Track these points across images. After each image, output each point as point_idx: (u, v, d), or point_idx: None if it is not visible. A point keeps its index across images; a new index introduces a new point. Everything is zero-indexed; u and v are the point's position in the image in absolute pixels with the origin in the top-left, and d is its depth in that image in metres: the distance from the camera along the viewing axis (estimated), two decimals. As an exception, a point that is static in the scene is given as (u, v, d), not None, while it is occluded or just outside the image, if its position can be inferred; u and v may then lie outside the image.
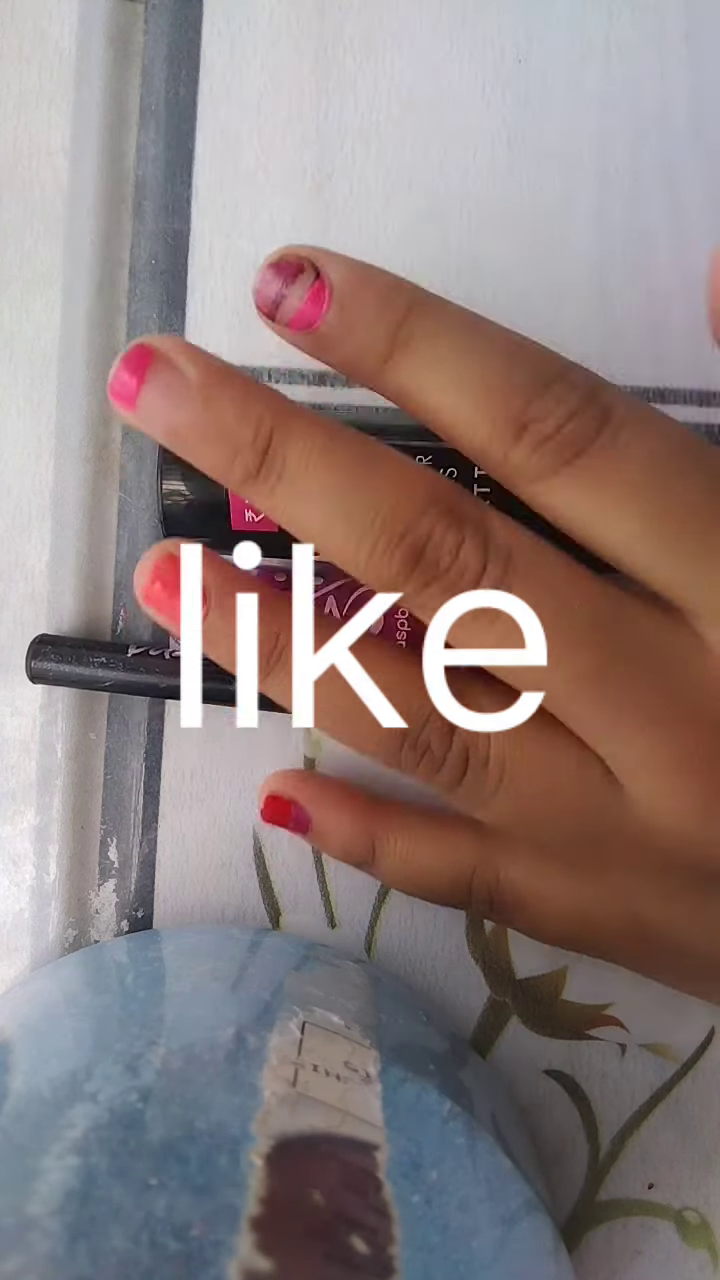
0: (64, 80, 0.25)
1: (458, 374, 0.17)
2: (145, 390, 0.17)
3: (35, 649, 0.23)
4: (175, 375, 0.17)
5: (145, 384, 0.17)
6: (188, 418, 0.17)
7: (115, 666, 0.23)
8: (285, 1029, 0.18)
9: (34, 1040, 0.19)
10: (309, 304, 0.17)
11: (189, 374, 0.17)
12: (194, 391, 0.17)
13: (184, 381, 0.17)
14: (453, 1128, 0.18)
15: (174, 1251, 0.14)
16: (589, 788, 0.18)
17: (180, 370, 0.17)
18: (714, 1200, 0.24)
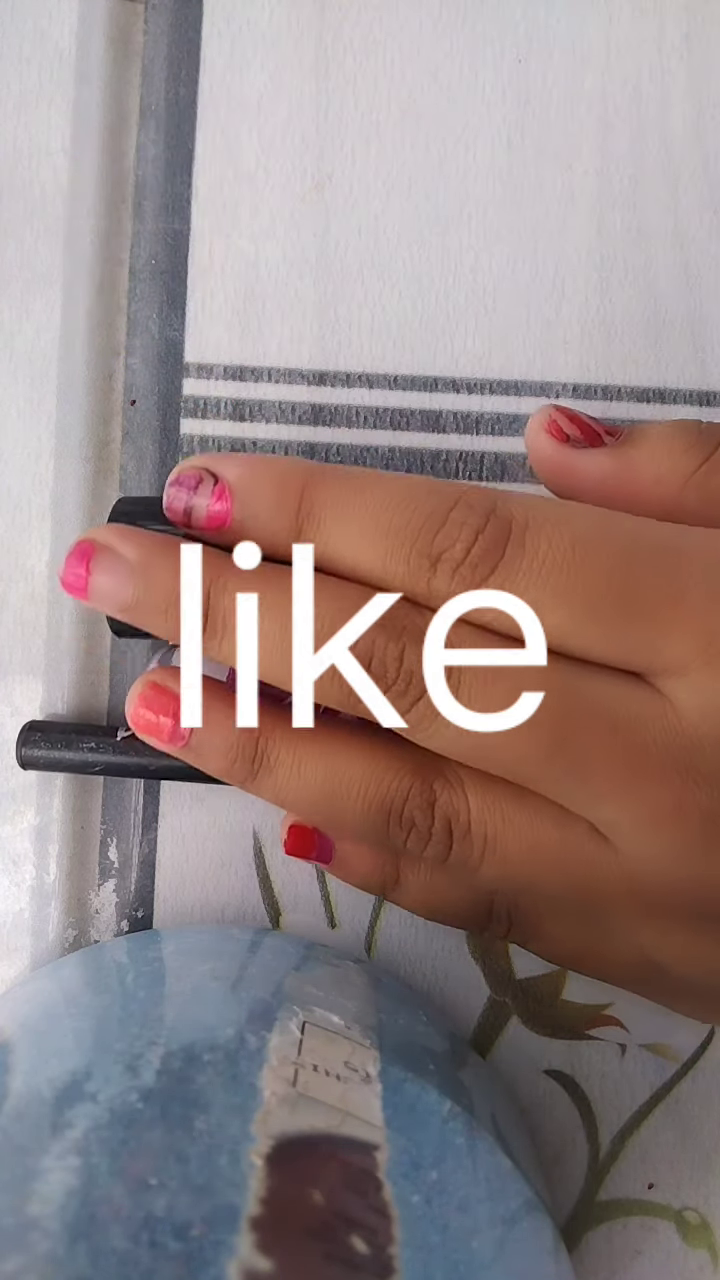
0: (64, 80, 0.25)
1: (361, 526, 0.19)
2: (93, 579, 0.19)
3: (25, 736, 0.24)
4: (116, 559, 0.19)
5: (91, 573, 0.19)
6: (133, 594, 0.19)
7: (105, 750, 0.23)
8: (285, 1029, 0.18)
9: (34, 1040, 0.19)
10: (215, 506, 0.19)
11: (129, 556, 0.19)
12: (134, 570, 0.19)
13: (125, 564, 0.19)
14: (453, 1128, 0.18)
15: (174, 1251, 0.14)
16: (572, 846, 0.19)
17: (120, 555, 0.19)
18: (714, 1200, 0.24)
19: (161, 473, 0.25)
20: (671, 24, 0.26)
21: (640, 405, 0.25)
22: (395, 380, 0.25)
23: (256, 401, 0.25)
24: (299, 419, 0.25)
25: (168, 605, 0.19)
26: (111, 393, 0.25)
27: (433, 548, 0.18)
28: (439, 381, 0.25)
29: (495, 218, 0.25)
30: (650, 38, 0.26)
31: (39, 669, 0.25)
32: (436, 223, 0.25)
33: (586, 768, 0.18)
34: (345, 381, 0.25)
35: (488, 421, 0.25)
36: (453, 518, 0.18)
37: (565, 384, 0.25)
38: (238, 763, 0.20)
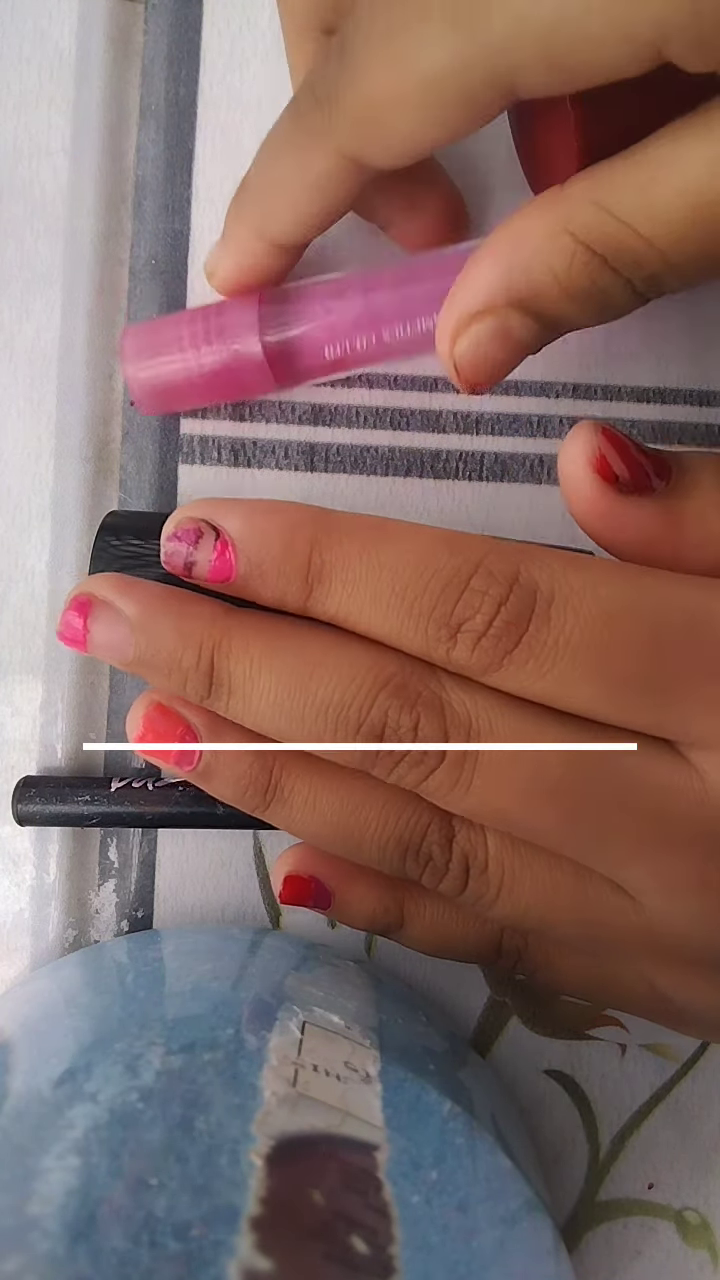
0: (64, 80, 0.25)
1: (374, 592, 0.18)
2: (91, 634, 0.19)
3: (20, 793, 0.24)
4: (114, 615, 0.19)
5: (89, 628, 0.19)
6: (133, 652, 0.18)
7: (100, 802, 0.23)
8: (285, 1029, 0.18)
9: (34, 1040, 0.19)
10: (218, 562, 0.18)
11: (127, 612, 0.18)
12: (133, 628, 0.18)
13: (124, 620, 0.18)
14: (453, 1128, 0.18)
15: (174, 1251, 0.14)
16: (591, 894, 0.19)
17: (118, 610, 0.18)
18: (714, 1200, 0.24)
19: (162, 473, 0.25)
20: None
21: (640, 405, 0.25)
22: (395, 380, 0.25)
23: (256, 401, 0.25)
24: (299, 419, 0.25)
25: (171, 666, 0.18)
26: (111, 393, 0.25)
27: (452, 618, 0.17)
28: (439, 381, 0.25)
29: (495, 218, 0.25)
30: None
31: (39, 669, 0.25)
32: (436, 223, 0.25)
33: (610, 835, 0.18)
34: (345, 381, 0.25)
35: (488, 421, 0.25)
36: (473, 585, 0.17)
37: (565, 384, 0.25)
38: (249, 791, 0.19)
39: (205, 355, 0.23)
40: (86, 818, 0.23)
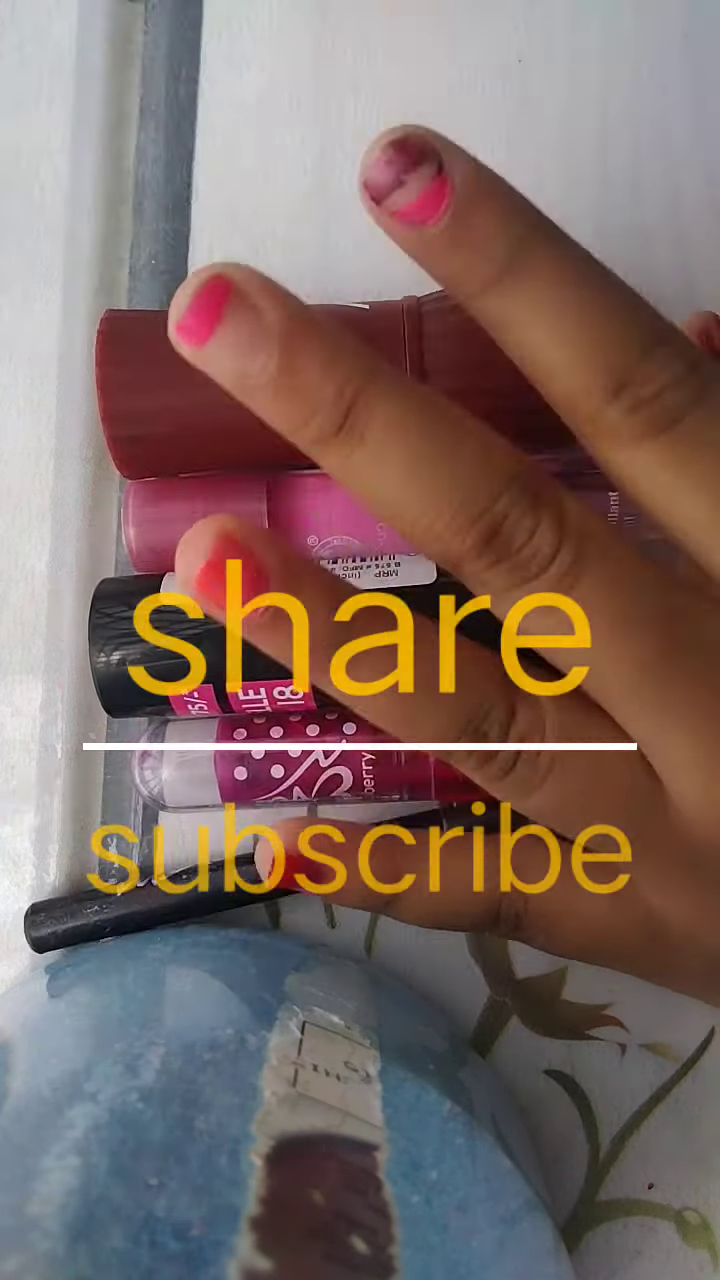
0: (64, 80, 0.25)
1: (565, 313, 0.17)
2: (220, 330, 0.15)
3: (30, 920, 0.24)
4: (254, 318, 0.15)
5: (220, 324, 0.15)
6: (263, 368, 0.16)
7: (110, 908, 0.23)
8: (285, 1029, 0.18)
9: (34, 1040, 0.19)
10: (424, 201, 0.16)
11: (270, 318, 0.15)
12: (274, 340, 0.15)
13: (263, 327, 0.15)
14: (453, 1128, 0.18)
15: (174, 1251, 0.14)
16: (632, 785, 0.18)
17: (261, 312, 0.15)
18: (714, 1200, 0.24)
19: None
20: (671, 24, 0.26)
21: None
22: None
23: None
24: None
25: (306, 393, 0.16)
26: (111, 393, 0.25)
27: (627, 374, 0.16)
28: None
29: (495, 218, 0.25)
30: (650, 38, 0.26)
31: (39, 669, 0.25)
32: (436, 223, 0.25)
33: (675, 697, 0.17)
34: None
35: (488, 421, 0.25)
36: (659, 353, 0.17)
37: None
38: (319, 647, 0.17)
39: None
40: (101, 928, 0.23)
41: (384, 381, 0.16)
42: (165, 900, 0.23)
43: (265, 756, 0.23)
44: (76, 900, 0.24)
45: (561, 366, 0.17)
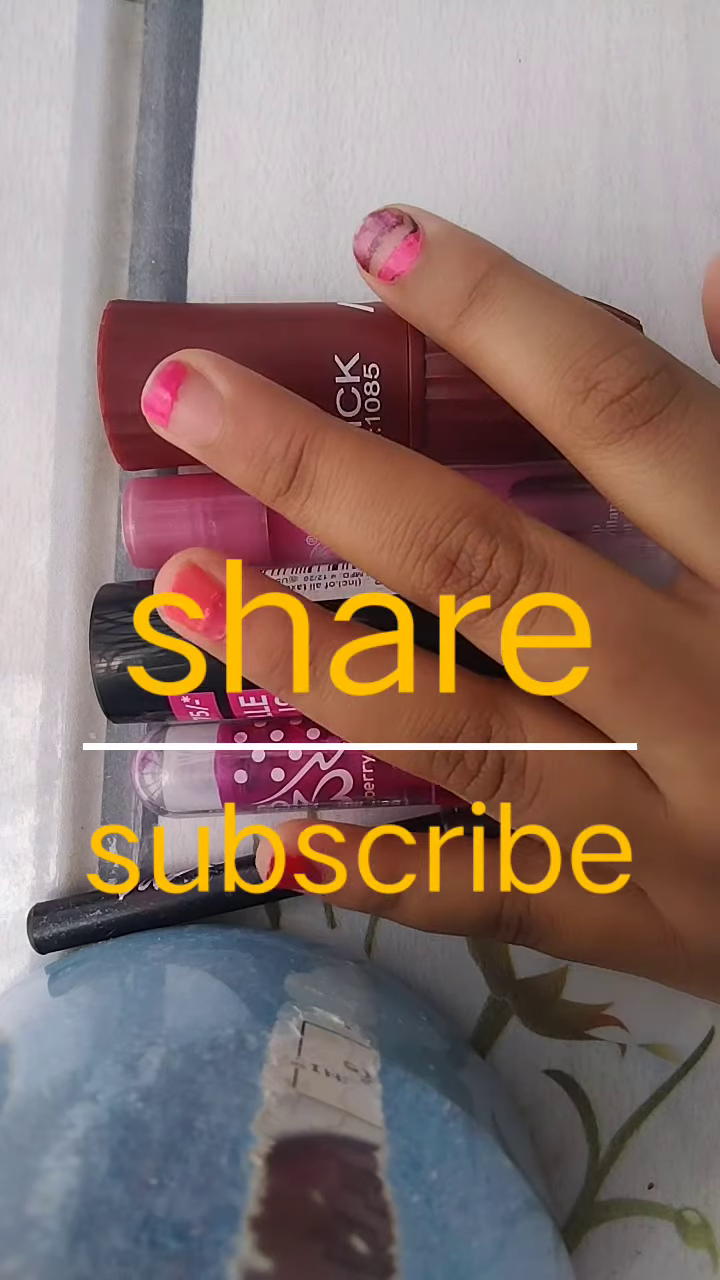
0: (64, 80, 0.25)
1: (529, 327, 0.18)
2: (178, 406, 0.18)
3: (33, 921, 0.24)
4: (208, 391, 0.18)
5: (178, 400, 0.18)
6: (219, 433, 0.18)
7: (113, 911, 0.23)
8: (285, 1029, 0.18)
9: (34, 1040, 0.19)
10: (401, 253, 0.18)
11: (221, 389, 0.18)
12: (225, 407, 0.17)
13: (216, 397, 0.18)
14: (453, 1128, 0.18)
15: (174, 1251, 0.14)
16: (625, 795, 0.18)
17: (213, 385, 0.18)
18: (714, 1200, 0.24)
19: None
20: (671, 24, 0.26)
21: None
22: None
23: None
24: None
25: (254, 454, 0.17)
26: (111, 393, 0.25)
27: (595, 373, 0.17)
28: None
29: (495, 218, 0.25)
30: (650, 38, 0.26)
31: (39, 669, 0.25)
32: (436, 223, 0.25)
33: (659, 707, 0.17)
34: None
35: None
36: (626, 353, 0.17)
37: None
38: (277, 671, 0.18)
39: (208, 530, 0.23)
40: (104, 930, 0.23)
41: (327, 433, 0.18)
42: (167, 902, 0.23)
43: (265, 760, 0.23)
44: (79, 902, 0.24)
45: (531, 379, 0.18)
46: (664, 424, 0.17)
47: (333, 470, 0.17)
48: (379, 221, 0.18)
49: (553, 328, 0.18)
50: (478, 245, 0.18)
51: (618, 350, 0.17)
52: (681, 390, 0.17)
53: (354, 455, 0.17)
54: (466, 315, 0.18)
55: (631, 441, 0.17)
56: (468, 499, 0.17)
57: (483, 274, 0.18)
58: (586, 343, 0.17)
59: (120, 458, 0.22)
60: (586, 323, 0.18)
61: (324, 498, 0.18)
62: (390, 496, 0.17)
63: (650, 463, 0.17)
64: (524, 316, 0.18)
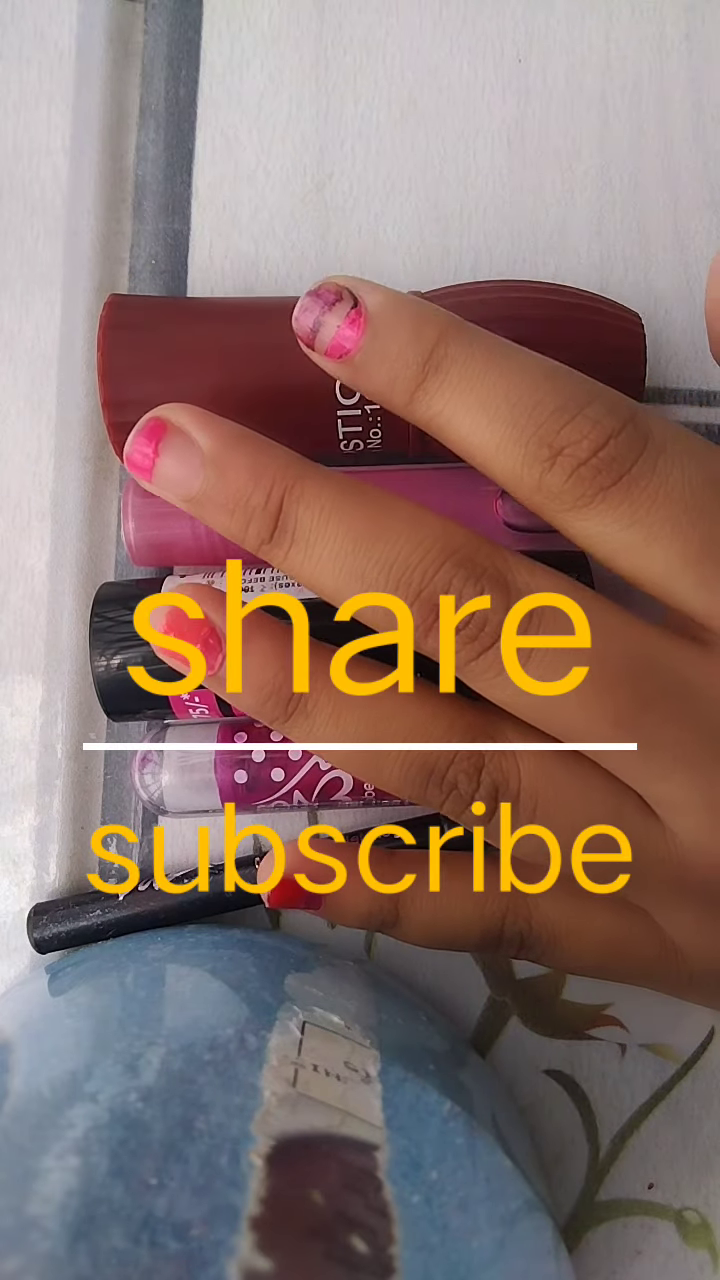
0: (64, 80, 0.25)
1: (488, 397, 0.17)
2: (160, 461, 0.18)
3: (33, 921, 0.24)
4: (188, 445, 0.18)
5: (159, 455, 0.18)
6: (201, 486, 0.18)
7: (113, 911, 0.23)
8: (285, 1029, 0.18)
9: (34, 1040, 0.19)
10: (345, 331, 0.18)
11: (202, 443, 0.18)
12: (206, 460, 0.18)
13: (197, 451, 0.18)
14: (453, 1128, 0.18)
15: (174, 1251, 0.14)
16: (624, 823, 0.18)
17: (193, 440, 0.18)
18: (714, 1200, 0.24)
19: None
20: (671, 24, 0.26)
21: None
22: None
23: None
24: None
25: (236, 505, 0.18)
26: (111, 393, 0.25)
27: (558, 438, 0.17)
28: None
29: (495, 218, 0.25)
30: (650, 38, 0.26)
31: (39, 669, 0.25)
32: (436, 223, 0.25)
33: (657, 743, 0.17)
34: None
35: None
36: (588, 413, 0.17)
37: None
38: (271, 701, 0.18)
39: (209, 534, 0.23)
40: (104, 929, 0.23)
41: (307, 482, 0.17)
42: (167, 902, 0.23)
43: (266, 760, 0.22)
44: (79, 902, 0.24)
45: (494, 448, 0.17)
46: (635, 482, 0.17)
47: (314, 518, 0.17)
48: (317, 300, 0.18)
49: (511, 393, 0.17)
50: (423, 313, 0.18)
51: (580, 411, 0.17)
52: (649, 443, 0.17)
53: (334, 502, 0.17)
54: (421, 390, 0.18)
55: (604, 503, 0.17)
56: (451, 541, 0.17)
57: (433, 344, 0.17)
58: (547, 406, 0.17)
59: (119, 448, 0.22)
60: (546, 385, 0.17)
61: (307, 546, 0.18)
62: (372, 542, 0.17)
63: (625, 522, 0.17)
64: (480, 385, 0.17)
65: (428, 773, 0.18)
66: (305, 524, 0.17)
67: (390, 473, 0.23)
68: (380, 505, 0.18)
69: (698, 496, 0.17)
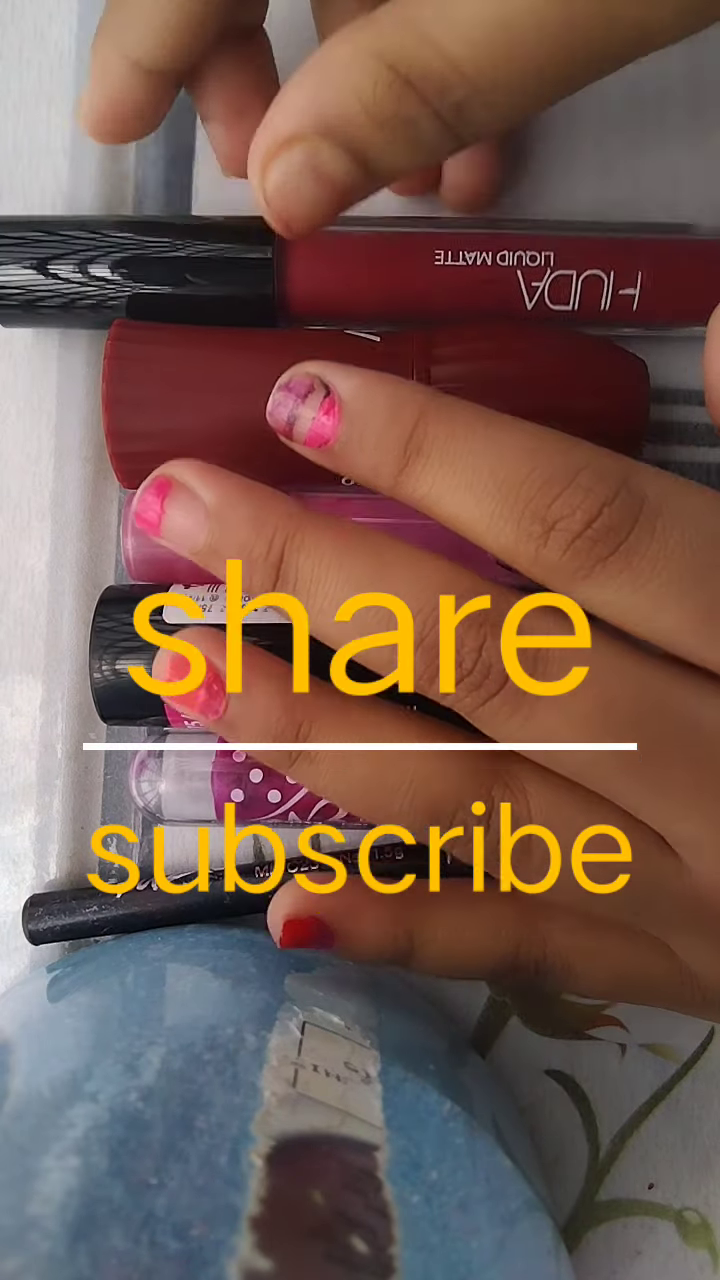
0: (64, 80, 0.25)
1: (474, 476, 0.17)
2: (167, 517, 0.18)
3: (29, 912, 0.24)
4: (193, 500, 0.18)
5: (165, 511, 0.18)
6: (207, 539, 0.18)
7: (109, 908, 0.23)
8: (285, 1029, 0.18)
9: (34, 1040, 0.19)
10: (321, 420, 0.18)
11: (205, 498, 0.18)
12: (210, 514, 0.18)
13: (201, 505, 0.18)
14: (453, 1128, 0.18)
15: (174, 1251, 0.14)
16: (639, 859, 0.18)
17: (197, 495, 0.18)
18: (714, 1200, 0.24)
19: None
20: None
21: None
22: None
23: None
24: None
25: (240, 555, 0.18)
26: (111, 393, 0.25)
27: (550, 512, 0.16)
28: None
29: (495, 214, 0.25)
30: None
31: (39, 669, 0.25)
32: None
33: (671, 784, 0.17)
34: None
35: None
36: (579, 482, 0.16)
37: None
38: (278, 753, 0.19)
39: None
40: (99, 926, 0.23)
41: (307, 532, 0.18)
42: (164, 903, 0.23)
43: (263, 780, 0.22)
44: (76, 897, 0.24)
45: (486, 526, 0.17)
46: (633, 550, 0.16)
47: (313, 567, 0.18)
48: (289, 394, 0.18)
49: (498, 470, 0.17)
50: (399, 395, 0.18)
51: (570, 481, 0.16)
52: (645, 506, 0.16)
53: (334, 551, 0.18)
54: (405, 474, 0.18)
55: (604, 574, 0.17)
56: (449, 585, 0.17)
57: (412, 427, 0.17)
58: (536, 479, 0.17)
59: (121, 476, 0.22)
60: (532, 456, 0.17)
61: (308, 594, 0.18)
62: (372, 591, 0.17)
63: (628, 590, 0.17)
64: (465, 463, 0.17)
65: (434, 819, 0.18)
66: (306, 572, 0.18)
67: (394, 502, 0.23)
68: (380, 552, 0.18)
69: (700, 556, 0.16)
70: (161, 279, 0.22)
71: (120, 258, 0.22)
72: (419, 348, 0.21)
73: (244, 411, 0.21)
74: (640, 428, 0.21)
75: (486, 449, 0.17)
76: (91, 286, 0.22)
